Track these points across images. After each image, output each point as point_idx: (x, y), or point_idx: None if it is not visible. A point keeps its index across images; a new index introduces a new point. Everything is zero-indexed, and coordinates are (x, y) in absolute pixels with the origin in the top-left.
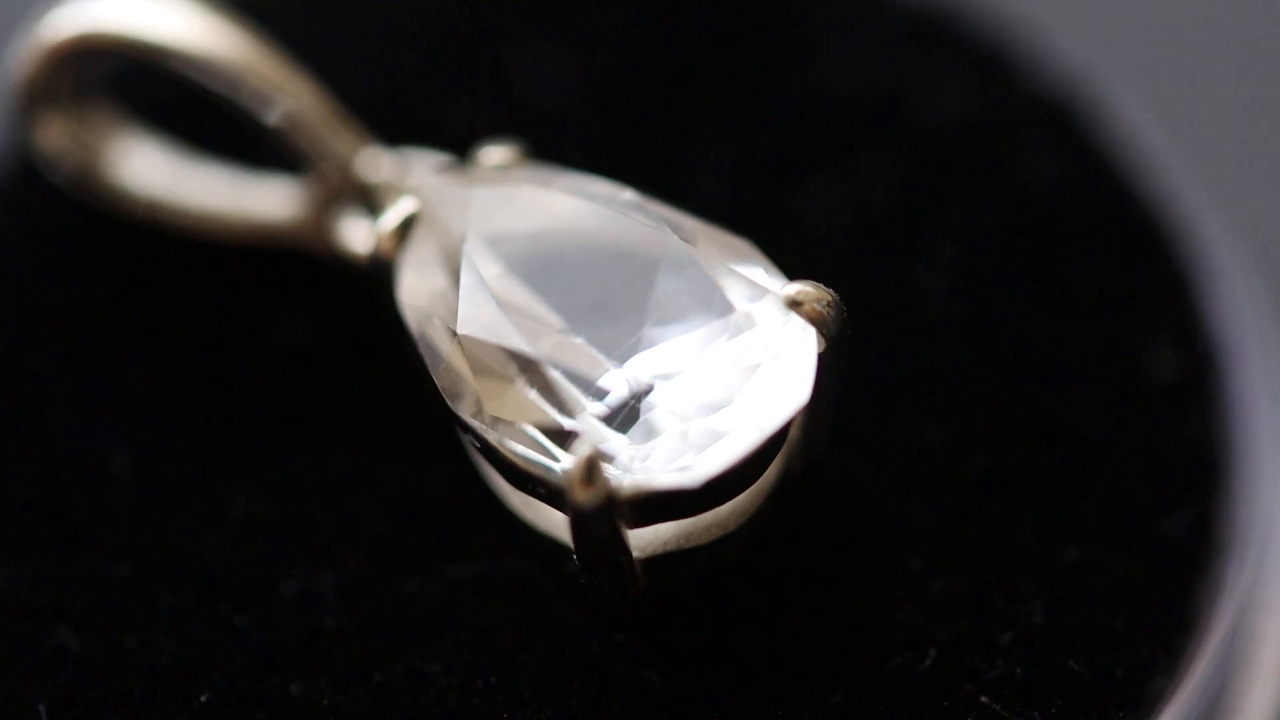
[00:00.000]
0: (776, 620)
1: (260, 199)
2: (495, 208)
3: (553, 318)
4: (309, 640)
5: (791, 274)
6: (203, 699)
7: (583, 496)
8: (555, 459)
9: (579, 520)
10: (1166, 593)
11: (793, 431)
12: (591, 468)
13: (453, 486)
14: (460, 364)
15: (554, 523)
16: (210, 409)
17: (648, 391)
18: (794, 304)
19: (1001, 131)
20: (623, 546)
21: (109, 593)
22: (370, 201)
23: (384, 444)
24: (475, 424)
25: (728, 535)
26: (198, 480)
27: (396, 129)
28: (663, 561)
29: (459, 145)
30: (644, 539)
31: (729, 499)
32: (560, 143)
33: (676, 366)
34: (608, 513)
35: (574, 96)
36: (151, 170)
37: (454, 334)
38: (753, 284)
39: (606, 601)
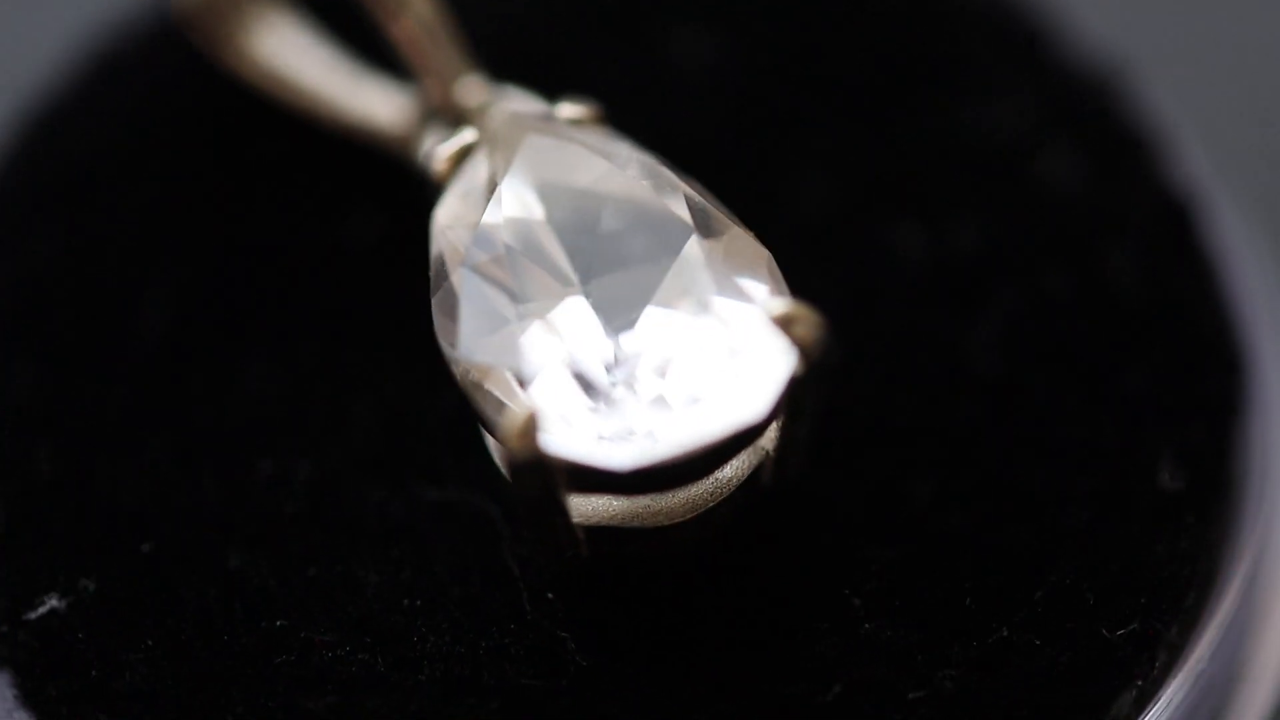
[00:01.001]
0: (701, 621)
1: (371, 98)
2: (543, 157)
3: (560, 272)
4: (264, 521)
5: (823, 304)
6: (144, 548)
7: (516, 446)
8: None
9: (511, 469)
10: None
11: (767, 444)
12: (532, 421)
13: (455, 411)
14: (456, 294)
15: None
16: (259, 283)
17: (628, 368)
18: (784, 322)
19: (1112, 222)
20: (559, 507)
21: (99, 422)
22: (455, 124)
23: (406, 355)
24: (453, 354)
25: (675, 525)
26: (223, 347)
27: (527, 78)
28: (607, 534)
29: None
30: (590, 507)
31: (664, 490)
32: (675, 118)
33: (662, 354)
34: (539, 468)
35: (704, 77)
36: (280, 43)
37: (460, 265)
38: (752, 295)
39: (545, 556)
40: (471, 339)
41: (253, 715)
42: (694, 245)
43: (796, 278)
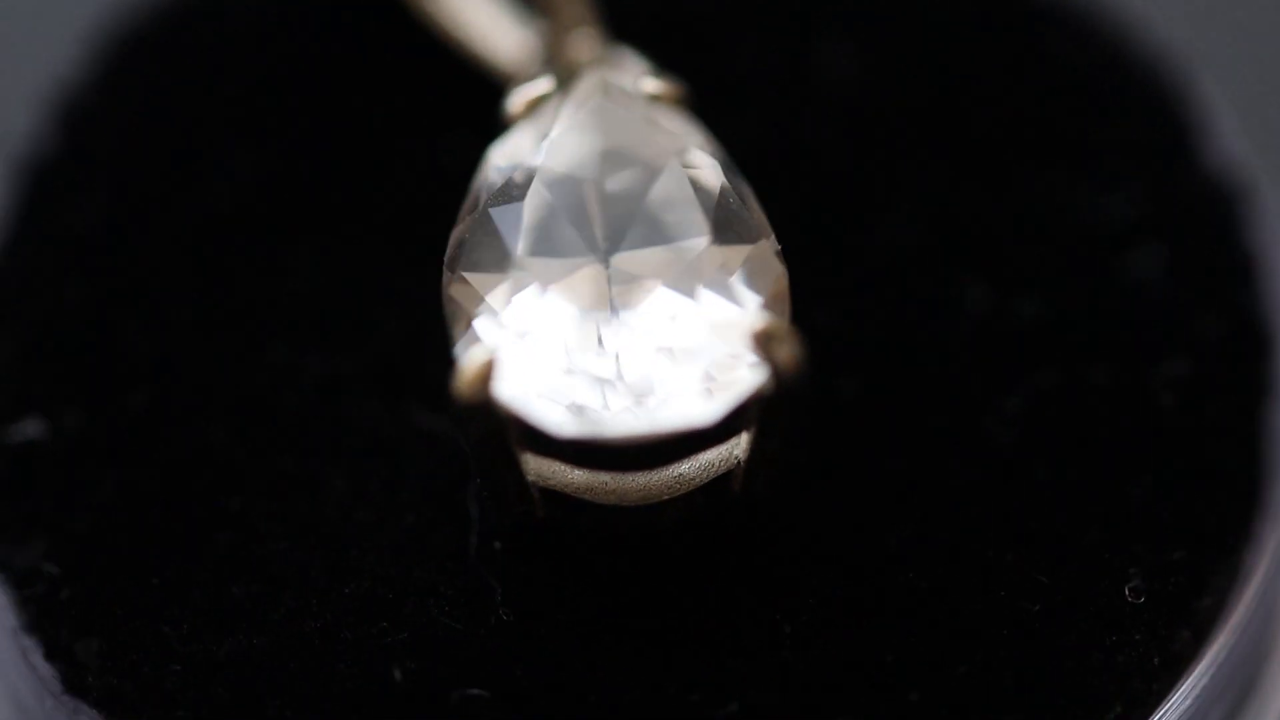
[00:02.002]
0: (629, 609)
1: (497, 28)
2: (602, 120)
3: (577, 235)
4: (258, 405)
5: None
6: (136, 399)
7: (461, 385)
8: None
9: (456, 408)
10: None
11: (740, 453)
12: (489, 367)
13: None
14: (465, 230)
15: None
16: (331, 183)
17: (609, 346)
18: (763, 338)
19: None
20: (509, 459)
21: (137, 274)
22: (559, 72)
23: None
24: (447, 283)
25: (627, 509)
26: (280, 233)
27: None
28: (561, 500)
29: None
30: (551, 470)
31: (605, 469)
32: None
33: (644, 341)
34: (484, 414)
35: (835, 89)
36: None
37: (487, 203)
38: (744, 306)
39: (493, 505)
40: (470, 274)
41: (178, 581)
42: (706, 245)
43: (845, 303)
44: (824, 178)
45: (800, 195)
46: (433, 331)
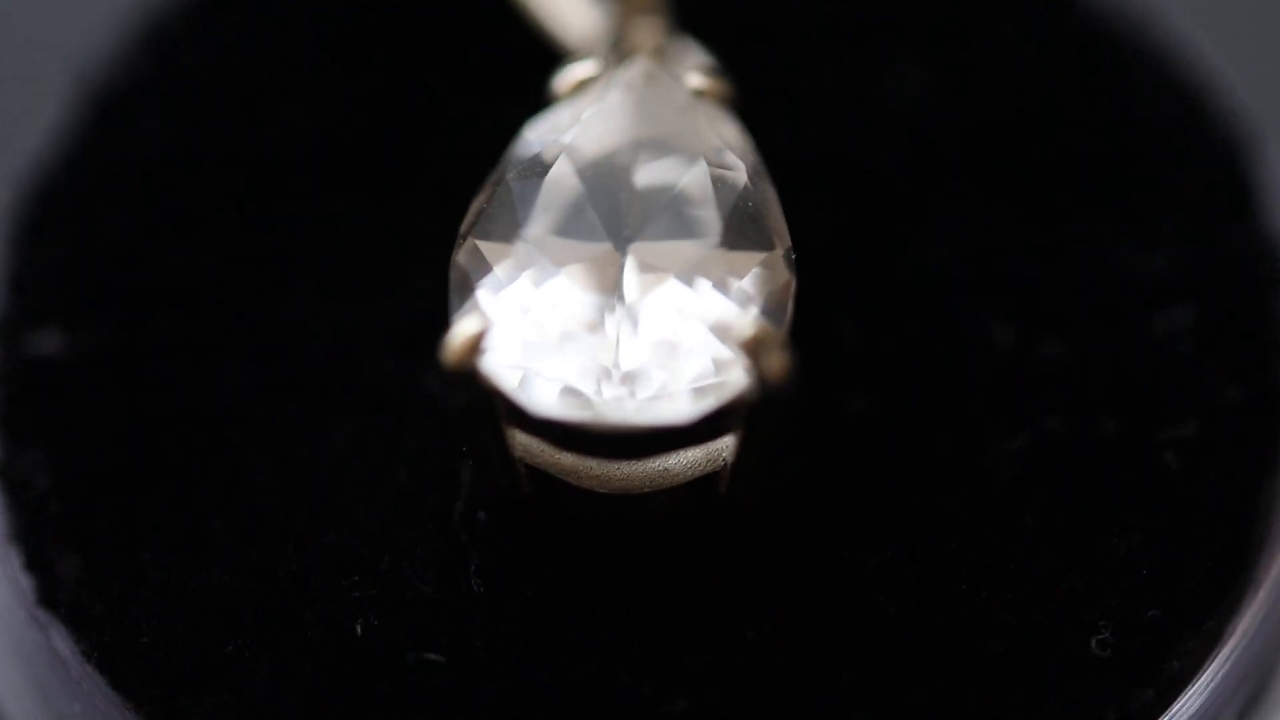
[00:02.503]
0: (599, 595)
1: (572, 4)
2: (638, 108)
3: (592, 219)
4: (275, 344)
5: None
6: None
7: (449, 352)
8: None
9: (442, 374)
10: None
11: (728, 455)
12: (477, 336)
13: None
14: (484, 200)
15: None
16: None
17: (608, 333)
18: (753, 345)
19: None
20: (494, 430)
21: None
22: (621, 56)
23: None
24: (456, 256)
25: (607, 497)
26: (328, 187)
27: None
28: (546, 480)
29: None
30: (539, 448)
31: (580, 453)
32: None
33: (640, 334)
34: (470, 383)
35: (903, 108)
36: None
37: (509, 176)
38: (744, 310)
39: (479, 476)
40: (482, 242)
41: (165, 509)
42: (716, 246)
43: (868, 320)
44: (869, 194)
45: (842, 208)
46: None
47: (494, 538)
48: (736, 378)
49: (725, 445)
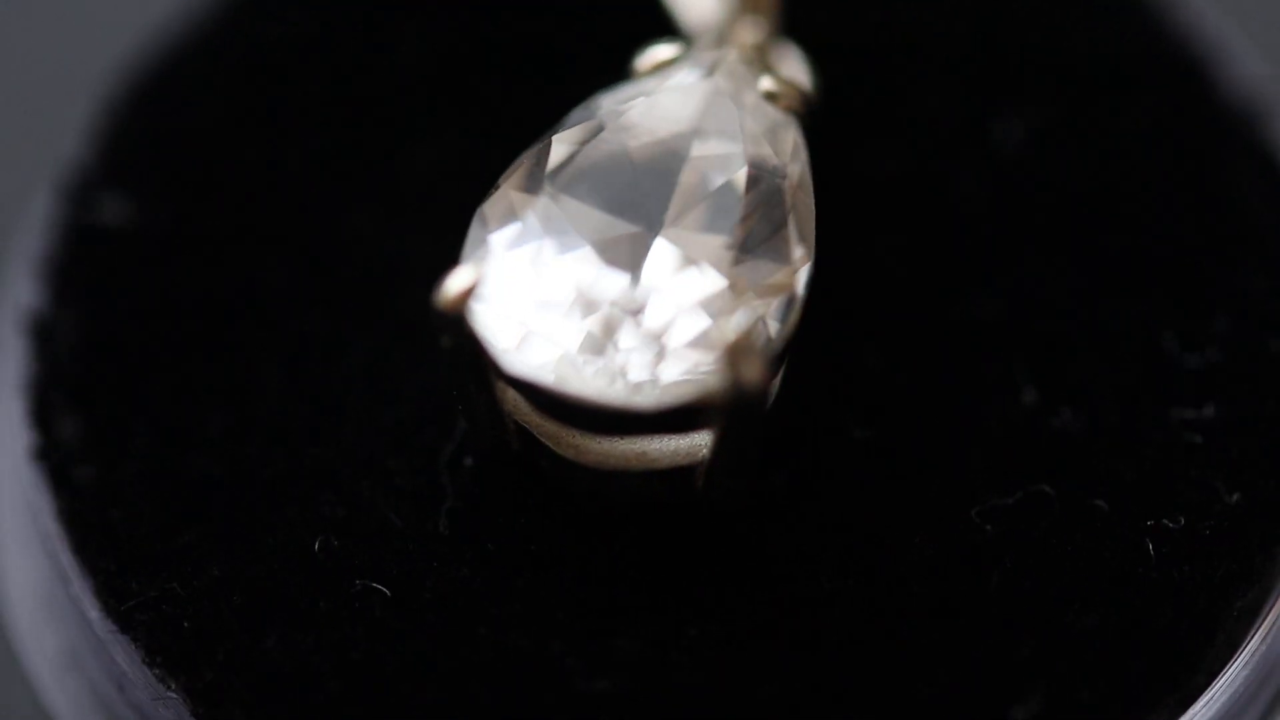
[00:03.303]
0: (554, 559)
1: None
2: (701, 98)
3: (624, 197)
4: (319, 256)
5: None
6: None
7: (442, 294)
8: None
9: (432, 315)
10: None
11: (704, 450)
12: (472, 283)
13: None
14: (530, 153)
15: None
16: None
17: (615, 310)
18: (732, 352)
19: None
20: (479, 379)
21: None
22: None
23: None
24: (484, 203)
25: (580, 468)
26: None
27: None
28: (531, 441)
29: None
30: (527, 410)
31: (544, 415)
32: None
33: (652, 320)
34: (456, 326)
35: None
36: None
37: (552, 139)
38: (735, 314)
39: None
40: (513, 191)
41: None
42: (730, 250)
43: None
44: (940, 231)
45: (909, 240)
46: None
47: (474, 486)
48: (711, 378)
49: (706, 441)
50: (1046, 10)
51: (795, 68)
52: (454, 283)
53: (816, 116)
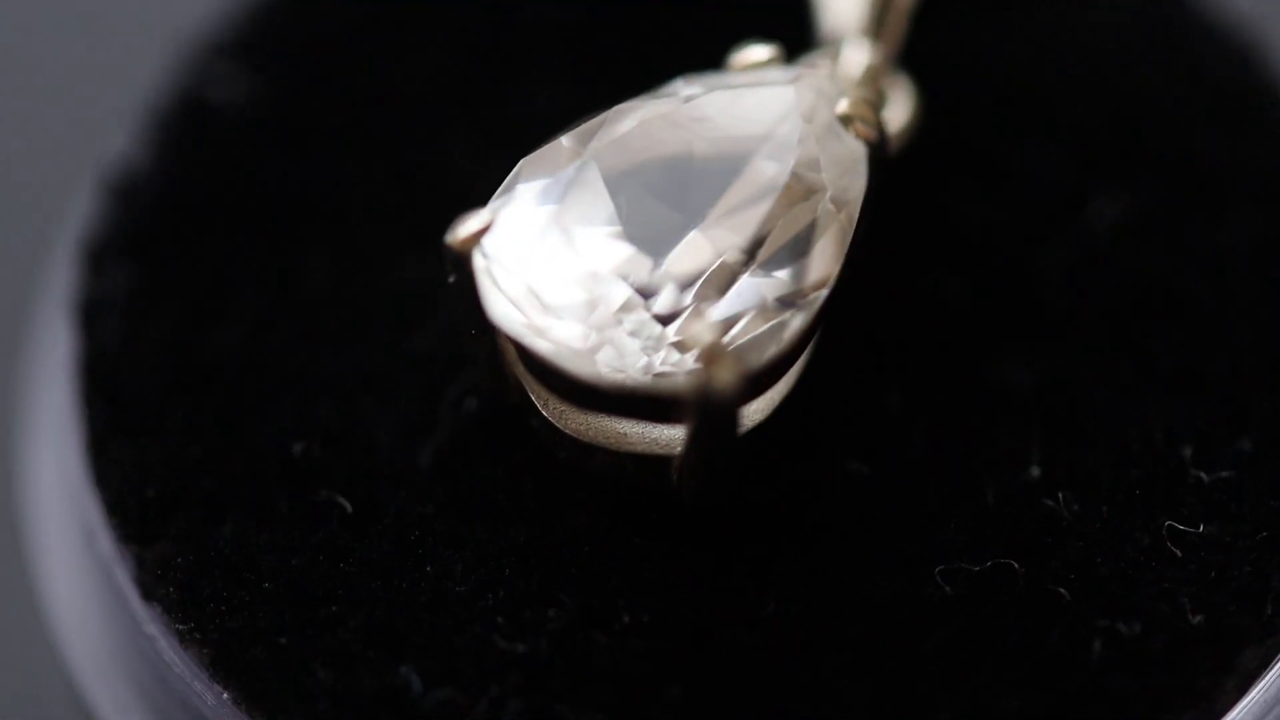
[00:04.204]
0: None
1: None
2: (769, 106)
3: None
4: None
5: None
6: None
7: (454, 232)
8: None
9: (443, 250)
10: None
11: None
12: (483, 226)
13: None
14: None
15: None
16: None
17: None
18: (707, 353)
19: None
20: (481, 321)
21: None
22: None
23: None
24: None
25: (560, 433)
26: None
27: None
28: (526, 397)
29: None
30: (531, 375)
31: (531, 374)
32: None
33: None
34: (461, 267)
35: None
36: None
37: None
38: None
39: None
40: (567, 143)
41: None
42: (742, 257)
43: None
44: (992, 289)
45: (960, 291)
46: None
47: (467, 428)
48: (681, 375)
49: (676, 437)
50: (1175, 103)
51: (898, 100)
52: (466, 224)
53: (898, 149)
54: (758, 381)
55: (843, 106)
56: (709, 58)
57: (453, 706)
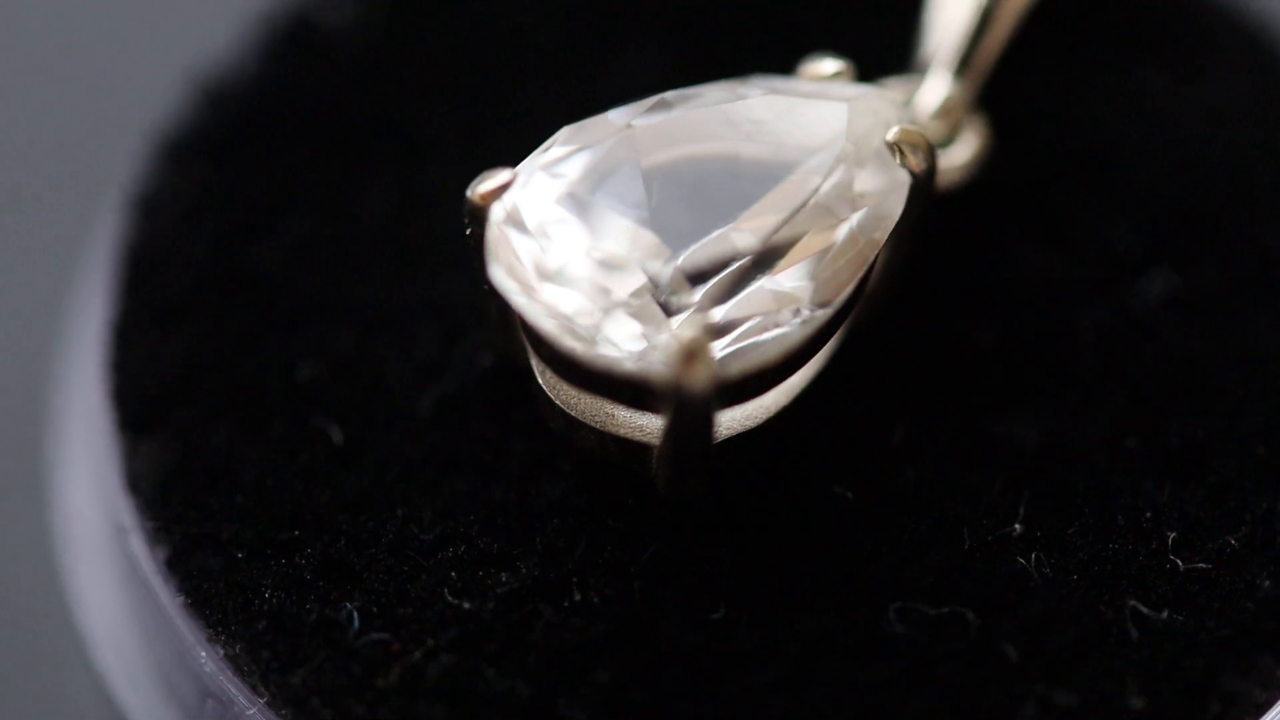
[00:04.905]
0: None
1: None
2: (816, 120)
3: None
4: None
5: None
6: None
7: (477, 186)
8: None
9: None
10: None
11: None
12: (502, 184)
13: None
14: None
15: None
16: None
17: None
18: (686, 350)
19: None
20: (489, 287)
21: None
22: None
23: None
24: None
25: (552, 402)
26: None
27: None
28: (523, 357)
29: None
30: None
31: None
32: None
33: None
34: (478, 222)
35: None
36: None
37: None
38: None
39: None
40: (615, 116)
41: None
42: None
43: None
44: (1021, 341)
45: (989, 342)
46: None
47: (475, 381)
48: (658, 366)
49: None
50: (1254, 190)
51: (968, 139)
52: (488, 179)
53: (954, 185)
54: (741, 388)
55: (893, 134)
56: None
57: (384, 650)
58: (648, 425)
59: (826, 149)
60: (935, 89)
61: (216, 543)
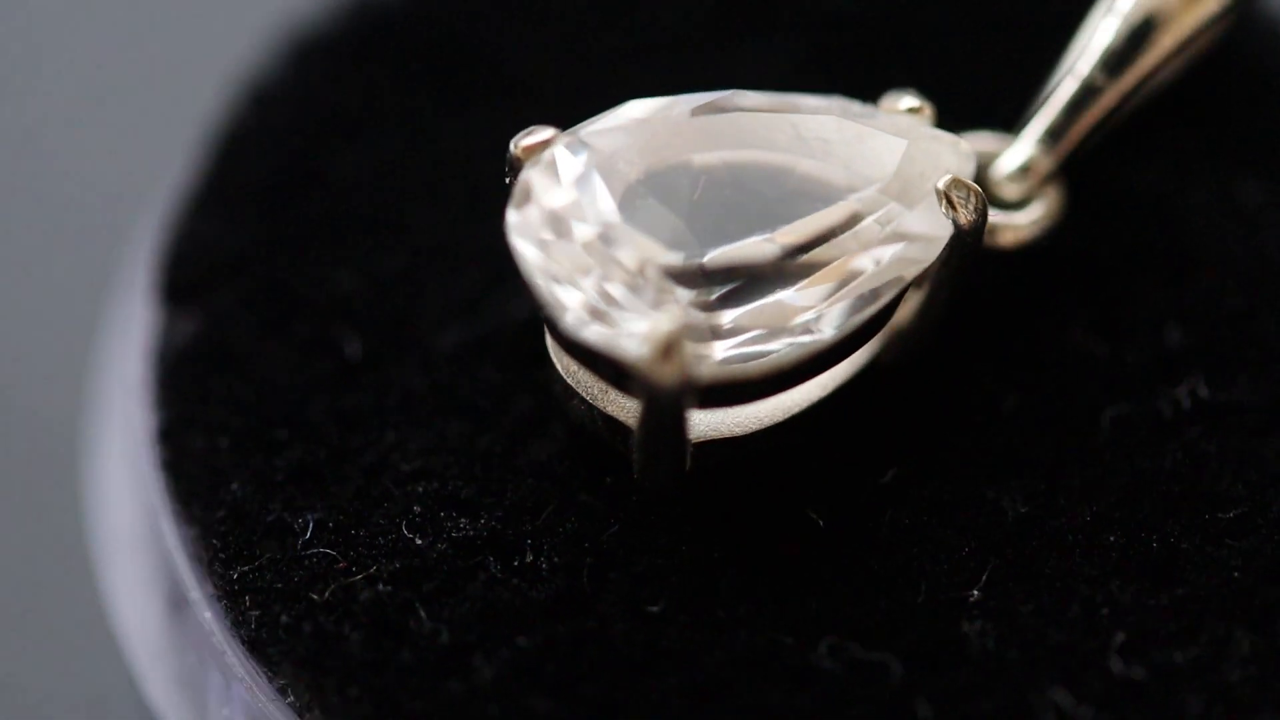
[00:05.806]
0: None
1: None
2: (866, 153)
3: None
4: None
5: None
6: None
7: (518, 140)
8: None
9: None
10: None
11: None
12: (541, 143)
13: None
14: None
15: None
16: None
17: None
18: (664, 344)
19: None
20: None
21: None
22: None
23: None
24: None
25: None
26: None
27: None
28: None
29: None
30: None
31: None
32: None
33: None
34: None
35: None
36: None
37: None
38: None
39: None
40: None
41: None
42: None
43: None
44: (1033, 421)
45: (1010, 409)
46: None
47: (499, 329)
48: (631, 350)
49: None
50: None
51: (1038, 206)
52: (530, 135)
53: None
54: (721, 394)
55: (944, 182)
56: None
57: (326, 565)
58: (631, 407)
59: (877, 182)
60: (1021, 150)
61: (203, 425)
